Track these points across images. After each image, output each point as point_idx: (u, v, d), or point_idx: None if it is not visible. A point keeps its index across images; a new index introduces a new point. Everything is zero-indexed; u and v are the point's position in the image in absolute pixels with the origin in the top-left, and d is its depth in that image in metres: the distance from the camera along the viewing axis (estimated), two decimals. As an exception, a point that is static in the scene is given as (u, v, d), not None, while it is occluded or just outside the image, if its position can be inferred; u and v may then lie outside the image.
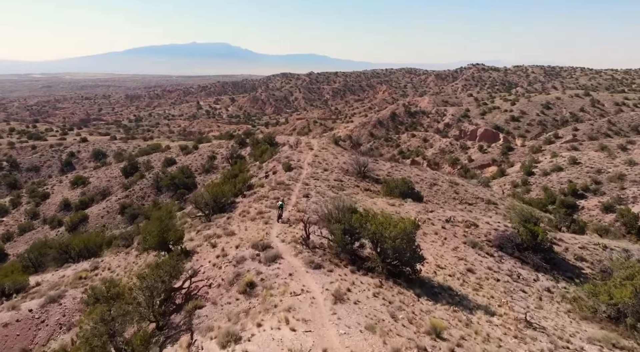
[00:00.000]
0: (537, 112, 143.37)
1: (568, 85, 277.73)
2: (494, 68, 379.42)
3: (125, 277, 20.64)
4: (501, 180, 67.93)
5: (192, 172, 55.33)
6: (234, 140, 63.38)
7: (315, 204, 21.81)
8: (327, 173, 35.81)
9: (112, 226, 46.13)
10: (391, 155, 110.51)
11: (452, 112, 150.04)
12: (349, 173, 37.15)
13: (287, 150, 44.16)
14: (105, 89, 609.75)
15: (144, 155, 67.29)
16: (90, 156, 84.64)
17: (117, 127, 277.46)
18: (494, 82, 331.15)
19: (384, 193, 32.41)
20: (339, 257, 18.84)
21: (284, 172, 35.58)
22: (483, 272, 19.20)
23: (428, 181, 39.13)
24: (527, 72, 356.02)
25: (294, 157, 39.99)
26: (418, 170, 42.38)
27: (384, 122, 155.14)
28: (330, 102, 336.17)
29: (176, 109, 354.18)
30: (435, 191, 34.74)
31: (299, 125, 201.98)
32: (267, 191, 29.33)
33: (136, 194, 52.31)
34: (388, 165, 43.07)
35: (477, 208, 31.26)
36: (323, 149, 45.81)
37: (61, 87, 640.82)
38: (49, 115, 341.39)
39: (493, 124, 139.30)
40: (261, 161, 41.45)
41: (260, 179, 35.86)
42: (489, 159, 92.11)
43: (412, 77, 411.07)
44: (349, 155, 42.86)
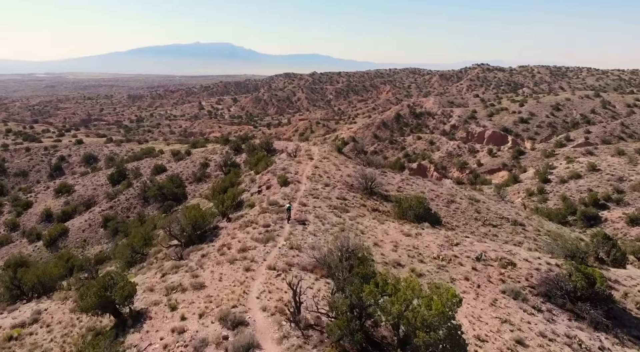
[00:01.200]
0: (547, 113, 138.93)
1: (575, 85, 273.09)
2: (499, 68, 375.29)
3: (58, 347, 16.46)
4: (515, 187, 63.77)
5: (183, 181, 51.34)
6: (229, 146, 59.64)
7: (313, 236, 17.86)
8: (329, 189, 31.32)
9: (94, 241, 42.32)
10: (396, 158, 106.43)
11: (459, 114, 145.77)
12: (353, 189, 32.81)
13: (285, 159, 40.08)
14: (108, 89, 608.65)
15: (135, 160, 63.30)
16: (81, 160, 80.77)
17: (117, 128, 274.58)
18: (500, 82, 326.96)
19: (396, 215, 28.27)
20: (343, 347, 13.51)
21: (279, 187, 31.34)
22: (536, 343, 14.93)
23: (445, 198, 34.43)
24: (532, 72, 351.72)
25: (291, 168, 36.01)
26: (432, 183, 38.30)
27: (388, 123, 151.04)
28: (333, 102, 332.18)
29: (178, 109, 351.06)
30: (453, 210, 30.36)
31: (301, 126, 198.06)
32: (256, 214, 25.12)
33: (121, 205, 48.33)
34: (398, 179, 38.15)
35: (502, 231, 27.18)
36: (324, 158, 41.21)
37: (64, 87, 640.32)
38: (50, 116, 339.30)
39: (501, 125, 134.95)
40: (256, 171, 37.45)
41: (252, 194, 31.99)
42: (499, 164, 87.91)
43: (416, 77, 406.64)
44: (353, 166, 39.17)
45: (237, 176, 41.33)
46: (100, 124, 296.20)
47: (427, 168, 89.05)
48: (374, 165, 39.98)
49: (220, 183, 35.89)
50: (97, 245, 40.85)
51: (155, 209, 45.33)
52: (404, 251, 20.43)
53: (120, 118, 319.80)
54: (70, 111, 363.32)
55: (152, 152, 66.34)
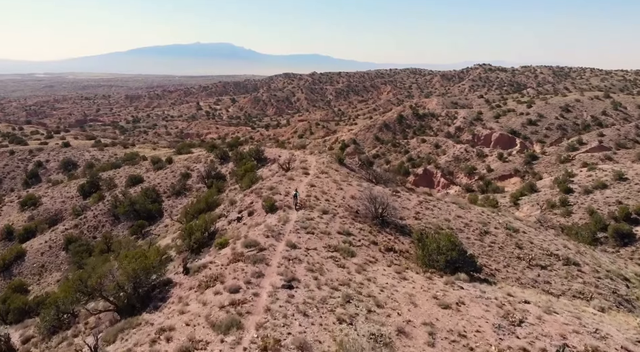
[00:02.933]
0: (556, 115, 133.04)
1: (580, 86, 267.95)
2: (501, 68, 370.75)
3: None
4: (532, 197, 57.88)
5: (160, 195, 45.21)
6: (214, 153, 53.26)
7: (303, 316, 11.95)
8: (328, 218, 24.39)
9: (53, 267, 36.37)
10: (399, 162, 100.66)
11: (464, 115, 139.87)
12: (359, 216, 25.85)
13: (276, 171, 34.17)
14: (108, 89, 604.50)
15: (113, 168, 57.18)
16: (59, 167, 74.58)
17: (113, 129, 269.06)
18: (502, 82, 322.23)
19: (421, 261, 21.02)
20: None
21: (264, 213, 25.23)
22: None
23: (475, 227, 27.07)
24: (535, 72, 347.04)
25: (281, 187, 29.59)
26: (457, 206, 30.92)
27: (390, 125, 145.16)
28: (333, 103, 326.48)
29: (175, 110, 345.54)
30: (489, 245, 23.93)
31: (300, 128, 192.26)
32: (225, 263, 18.18)
33: (88, 223, 42.16)
34: (415, 201, 30.31)
35: (555, 275, 21.11)
36: (322, 172, 34.53)
37: (63, 87, 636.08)
38: (46, 116, 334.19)
39: (508, 127, 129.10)
40: (242, 186, 31.70)
41: (230, 222, 25.54)
42: (510, 169, 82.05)
43: (417, 78, 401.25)
44: (357, 183, 32.20)
45: (219, 191, 35.49)
46: (96, 124, 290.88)
47: (433, 174, 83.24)
48: (383, 181, 33.78)
49: (195, 205, 29.92)
50: (57, 272, 35.00)
51: (127, 229, 39.38)
52: (447, 346, 13.63)
53: (117, 118, 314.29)
54: (66, 111, 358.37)
55: (134, 159, 60.28)
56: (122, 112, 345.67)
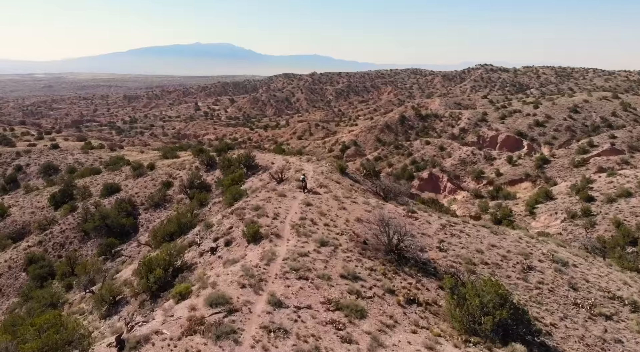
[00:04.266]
0: (564, 116, 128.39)
1: (584, 86, 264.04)
2: (503, 69, 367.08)
3: None
4: (550, 205, 53.24)
5: (136, 207, 40.64)
6: (199, 159, 47.33)
7: None
8: (327, 253, 18.65)
9: (11, 292, 31.61)
10: (403, 165, 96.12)
11: (468, 116, 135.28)
12: (368, 248, 20.04)
13: (267, 183, 29.68)
14: (107, 89, 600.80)
15: (93, 174, 52.16)
16: (40, 171, 69.86)
17: (109, 129, 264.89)
18: (504, 83, 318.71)
19: (456, 322, 14.89)
20: None
21: (244, 244, 19.71)
22: None
23: (516, 260, 20.80)
24: (537, 73, 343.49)
25: (269, 207, 24.28)
26: (488, 231, 24.58)
27: (392, 126, 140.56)
28: (334, 103, 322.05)
29: (173, 110, 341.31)
30: (537, 287, 18.03)
31: (299, 129, 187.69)
32: (174, 339, 12.45)
33: (55, 239, 37.29)
34: (436, 224, 23.96)
35: (625, 329, 16.12)
36: (321, 186, 29.79)
37: (62, 87, 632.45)
38: (43, 116, 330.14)
39: (515, 129, 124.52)
40: (226, 200, 27.07)
41: (201, 254, 20.75)
42: (521, 173, 77.46)
43: (418, 78, 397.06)
44: (364, 200, 26.54)
45: (201, 204, 30.89)
46: (92, 125, 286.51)
47: (439, 178, 78.68)
48: (393, 195, 28.57)
49: (165, 226, 25.21)
50: (15, 297, 30.45)
51: (96, 247, 34.76)
52: None
53: (114, 119, 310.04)
54: (63, 112, 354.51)
55: (117, 163, 55.47)
56: (120, 113, 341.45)
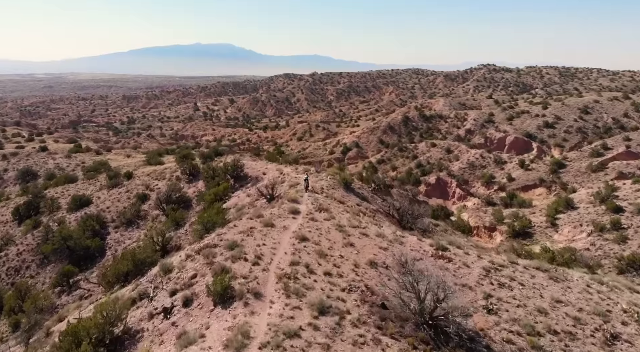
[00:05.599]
0: (575, 117, 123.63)
1: (590, 86, 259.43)
2: (506, 69, 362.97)
3: None
4: (573, 216, 48.41)
5: (106, 224, 35.52)
6: (181, 168, 41.24)
7: None
8: (330, 328, 12.85)
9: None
10: (407, 169, 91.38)
11: (474, 117, 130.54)
12: (389, 315, 14.15)
13: (255, 200, 24.90)
14: (107, 89, 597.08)
15: (67, 183, 47.03)
16: (17, 177, 64.84)
17: (106, 130, 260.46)
18: (508, 83, 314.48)
19: None
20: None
21: (210, 305, 14.39)
22: None
23: (594, 328, 14.98)
24: (540, 73, 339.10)
25: (251, 244, 18.57)
26: (545, 275, 19.02)
27: (395, 127, 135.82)
28: (334, 103, 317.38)
29: (172, 111, 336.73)
30: None
31: (299, 129, 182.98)
32: None
33: (9, 263, 32.04)
34: (477, 271, 18.15)
35: None
36: (321, 209, 23.63)
37: (63, 88, 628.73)
38: (40, 117, 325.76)
39: (523, 130, 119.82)
40: (195, 231, 21.85)
41: (151, 315, 15.25)
42: (535, 178, 72.69)
43: (420, 78, 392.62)
44: (376, 228, 20.78)
45: (177, 225, 25.89)
46: (90, 125, 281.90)
47: (447, 183, 73.94)
48: (412, 217, 23.08)
49: (117, 264, 19.95)
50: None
51: (56, 273, 29.72)
52: None
53: (112, 119, 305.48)
54: (61, 112, 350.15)
55: (98, 170, 50.52)
56: (118, 113, 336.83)
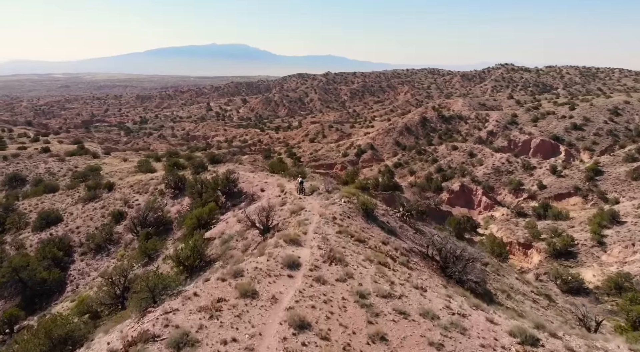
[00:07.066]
0: (604, 119, 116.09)
1: (614, 87, 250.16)
2: (525, 68, 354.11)
3: None
4: (623, 233, 42.12)
5: (73, 249, 29.60)
6: (165, 181, 35.04)
7: None
8: None
9: None
10: (427, 173, 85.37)
11: (497, 118, 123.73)
12: None
13: (245, 231, 19.48)
14: (122, 89, 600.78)
15: (47, 193, 41.63)
16: (5, 182, 60.25)
17: (118, 130, 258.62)
18: (527, 83, 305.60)
19: None
20: None
21: None
22: None
23: None
24: (561, 73, 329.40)
25: (213, 337, 11.92)
26: None
27: (412, 128, 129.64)
28: (348, 103, 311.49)
29: (185, 111, 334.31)
30: None
31: (312, 130, 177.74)
32: None
33: None
34: None
35: None
36: (332, 259, 16.90)
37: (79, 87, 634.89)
38: (54, 116, 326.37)
39: (549, 132, 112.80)
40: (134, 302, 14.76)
41: None
42: (569, 186, 66.21)
43: (436, 78, 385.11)
44: (420, 309, 14.07)
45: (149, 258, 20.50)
46: (102, 125, 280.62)
47: (472, 191, 67.81)
48: (460, 263, 16.71)
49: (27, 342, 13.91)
50: None
51: (4, 312, 24.55)
52: None
53: (124, 119, 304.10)
54: (75, 112, 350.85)
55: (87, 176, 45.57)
56: (131, 113, 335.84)
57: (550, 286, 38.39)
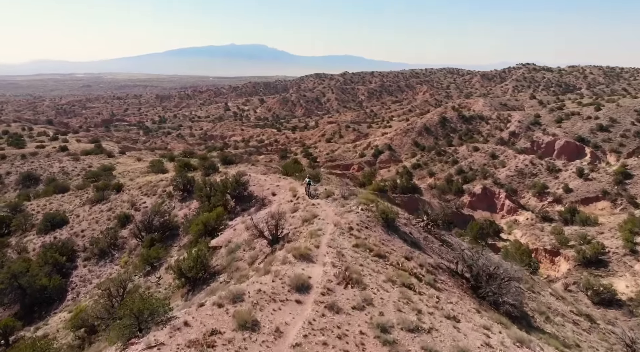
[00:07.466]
0: (632, 120, 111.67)
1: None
2: (547, 68, 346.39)
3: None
4: (659, 243, 39.54)
5: (76, 254, 28.36)
6: (174, 182, 33.37)
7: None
8: None
9: None
10: (447, 175, 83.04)
11: (519, 119, 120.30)
12: None
13: (251, 243, 17.42)
14: (143, 89, 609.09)
15: (57, 193, 40.75)
16: (19, 181, 60.20)
17: (137, 129, 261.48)
18: (549, 83, 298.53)
19: None
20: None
21: None
22: None
23: None
24: (584, 72, 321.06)
25: None
26: None
27: (431, 128, 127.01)
28: (365, 103, 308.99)
29: (203, 110, 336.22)
30: None
31: (329, 130, 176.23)
32: None
33: None
34: None
35: None
36: (348, 281, 14.54)
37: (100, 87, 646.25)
38: (75, 115, 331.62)
39: (574, 134, 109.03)
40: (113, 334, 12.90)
41: None
42: (596, 190, 63.29)
43: (455, 77, 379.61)
44: (455, 339, 12.15)
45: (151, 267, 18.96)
46: (121, 124, 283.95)
47: (495, 194, 65.32)
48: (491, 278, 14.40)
49: None
50: None
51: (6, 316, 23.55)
52: None
53: (143, 119, 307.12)
54: (95, 111, 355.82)
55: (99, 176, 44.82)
56: (150, 112, 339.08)
57: (580, 296, 36.29)
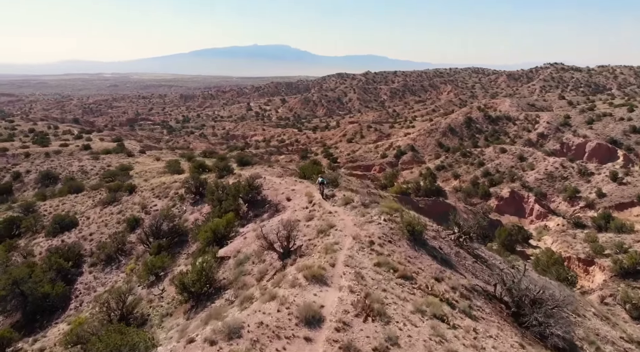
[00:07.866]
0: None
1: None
2: (576, 68, 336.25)
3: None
4: None
5: (82, 259, 26.96)
6: (187, 185, 31.80)
7: None
8: None
9: None
10: (472, 177, 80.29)
11: (547, 119, 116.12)
12: None
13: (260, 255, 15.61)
14: (167, 88, 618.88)
15: (68, 193, 40.02)
16: (38, 180, 60.17)
17: (161, 128, 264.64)
18: (578, 83, 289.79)
19: None
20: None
21: None
22: None
23: None
24: (614, 72, 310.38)
25: None
26: None
27: (456, 129, 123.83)
28: (388, 103, 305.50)
29: (226, 110, 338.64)
30: None
31: (350, 131, 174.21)
32: None
33: None
34: None
35: None
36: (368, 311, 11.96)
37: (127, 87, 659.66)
38: (102, 114, 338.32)
39: (606, 136, 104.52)
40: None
41: None
42: (632, 195, 59.90)
43: (480, 77, 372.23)
44: None
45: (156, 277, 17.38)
46: (146, 123, 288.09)
47: (523, 198, 62.52)
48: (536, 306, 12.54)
49: None
50: None
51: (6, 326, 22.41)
52: None
53: (167, 118, 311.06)
54: (121, 110, 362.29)
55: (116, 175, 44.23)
56: (174, 112, 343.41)
57: (617, 310, 33.83)
